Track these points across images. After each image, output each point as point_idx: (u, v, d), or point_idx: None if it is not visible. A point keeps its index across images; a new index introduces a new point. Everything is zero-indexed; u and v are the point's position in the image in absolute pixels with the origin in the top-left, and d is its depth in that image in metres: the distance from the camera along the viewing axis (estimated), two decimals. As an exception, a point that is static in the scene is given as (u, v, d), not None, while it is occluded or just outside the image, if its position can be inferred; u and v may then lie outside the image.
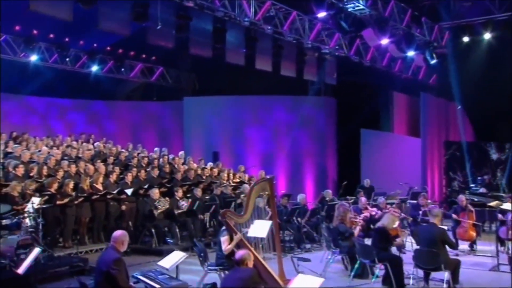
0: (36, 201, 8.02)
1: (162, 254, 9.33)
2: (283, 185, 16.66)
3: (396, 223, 7.94)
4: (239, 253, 4.76)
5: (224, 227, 6.79)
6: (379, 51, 15.75)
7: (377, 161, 16.98)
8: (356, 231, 7.98)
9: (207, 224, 11.03)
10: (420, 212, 9.82)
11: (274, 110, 17.47)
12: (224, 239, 6.63)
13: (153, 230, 9.84)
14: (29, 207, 7.92)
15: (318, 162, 17.36)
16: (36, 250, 5.23)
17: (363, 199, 9.99)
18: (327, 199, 11.59)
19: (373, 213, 9.63)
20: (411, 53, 14.81)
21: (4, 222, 7.25)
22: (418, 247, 7.05)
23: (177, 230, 10.25)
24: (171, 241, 6.52)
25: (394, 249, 7.80)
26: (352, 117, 17.08)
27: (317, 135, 17.49)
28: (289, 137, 17.29)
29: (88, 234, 10.18)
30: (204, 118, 17.35)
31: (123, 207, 10.44)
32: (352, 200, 12.04)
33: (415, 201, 11.32)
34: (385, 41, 13.38)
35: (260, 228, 6.88)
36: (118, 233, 5.06)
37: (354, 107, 16.99)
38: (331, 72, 16.75)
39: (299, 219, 10.60)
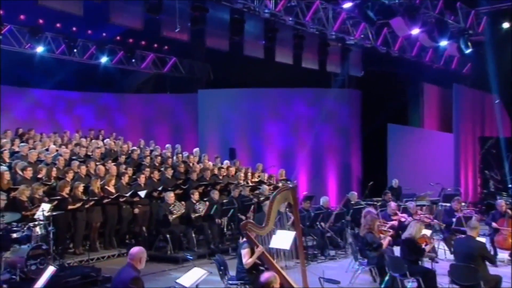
0: (46, 207, 8.10)
1: (178, 262, 9.50)
2: (304, 184, 16.63)
3: (423, 230, 7.87)
4: (265, 276, 4.74)
5: (244, 239, 6.78)
6: (409, 40, 15.53)
7: (405, 159, 16.83)
8: (385, 242, 7.92)
9: (225, 228, 11.05)
10: (454, 219, 9.69)
11: (294, 104, 17.40)
12: (244, 252, 6.63)
13: (168, 236, 9.88)
14: (39, 215, 8.01)
15: (341, 159, 17.28)
16: (51, 269, 5.28)
17: (392, 204, 9.90)
18: (352, 202, 11.52)
19: (403, 219, 9.55)
20: (444, 43, 14.57)
21: (15, 235, 7.33)
22: (452, 256, 6.96)
23: (193, 235, 10.29)
24: (191, 257, 6.54)
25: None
26: (378, 110, 16.93)
27: (340, 130, 17.39)
28: (311, 132, 17.21)
29: (99, 239, 10.28)
30: (220, 112, 17.36)
31: (136, 211, 10.53)
32: (379, 203, 11.96)
33: (447, 204, 11.19)
34: (415, 31, 13.16)
35: (283, 239, 6.88)
36: (135, 250, 5.09)
37: (380, 100, 16.82)
38: (356, 64, 16.60)
39: (322, 223, 10.56)
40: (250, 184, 13.05)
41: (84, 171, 10.50)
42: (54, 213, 8.24)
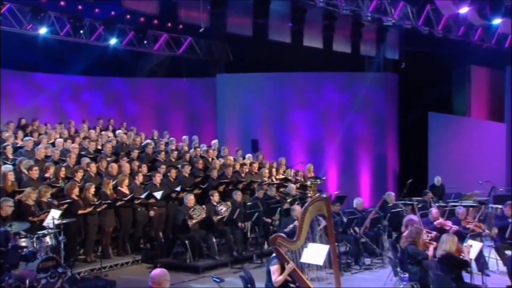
0: (56, 214, 8.23)
1: (198, 271, 9.62)
2: (334, 181, 16.62)
3: (471, 242, 7.84)
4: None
5: (273, 254, 6.82)
6: (455, 19, 15.24)
7: (448, 153, 16.66)
8: (430, 251, 7.87)
9: (248, 233, 11.12)
10: (508, 229, 9.50)
11: (323, 90, 17.32)
12: (274, 268, 6.67)
13: (187, 242, 9.99)
14: (48, 222, 8.15)
15: (376, 152, 17.21)
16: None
17: (434, 211, 9.80)
18: (389, 204, 11.46)
19: (447, 227, 9.48)
20: (497, 21, 14.24)
21: (24, 250, 7.48)
22: (505, 268, 6.87)
23: (214, 240, 10.39)
24: (218, 279, 6.61)
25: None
26: (418, 97, 16.75)
27: (375, 120, 17.30)
28: (342, 121, 17.15)
29: (111, 244, 10.45)
30: (241, 99, 17.38)
31: (152, 213, 10.65)
32: (419, 205, 11.87)
33: (499, 206, 11.05)
34: (464, 9, 12.90)
35: (315, 254, 6.91)
36: (156, 272, 5.13)
37: (420, 85, 16.64)
38: (393, 46, 16.41)
39: (356, 228, 10.55)
40: (275, 181, 13.08)
41: (94, 170, 10.62)
42: (64, 221, 8.33)
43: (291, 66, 16.95)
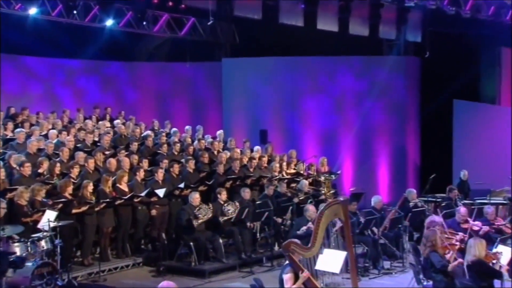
0: (52, 216, 8.28)
1: (204, 275, 9.69)
2: (349, 175, 16.62)
3: (501, 247, 7.83)
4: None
5: (286, 262, 6.85)
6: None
7: (475, 144, 16.58)
8: (450, 256, 7.86)
9: (258, 233, 11.16)
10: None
11: (338, 75, 17.28)
12: (287, 277, 6.70)
13: (191, 244, 10.03)
14: (43, 225, 8.19)
15: (395, 143, 17.19)
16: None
17: (462, 209, 9.76)
18: (410, 203, 11.45)
19: (476, 228, 9.45)
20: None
21: (17, 253, 7.53)
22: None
23: (221, 241, 10.43)
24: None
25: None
26: (443, 83, 16.62)
27: (394, 107, 17.25)
28: (358, 110, 17.13)
29: (110, 246, 10.49)
30: (249, 85, 17.36)
31: (153, 212, 10.68)
32: (444, 202, 11.86)
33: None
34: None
35: (332, 261, 6.93)
36: (164, 285, 5.17)
37: (445, 69, 16.49)
38: (415, 27, 16.30)
39: (374, 228, 10.55)
40: (285, 176, 13.08)
41: (92, 166, 10.64)
42: (60, 223, 8.38)
43: (304, 50, 16.88)
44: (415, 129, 17.60)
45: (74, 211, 9.46)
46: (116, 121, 14.85)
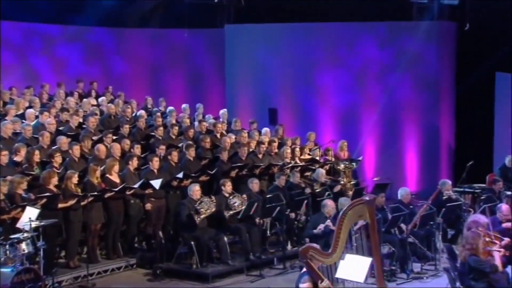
0: (33, 213, 8.32)
1: (207, 279, 9.78)
2: (372, 161, 16.62)
3: None
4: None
5: (304, 270, 6.89)
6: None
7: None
8: (497, 260, 7.88)
9: (268, 231, 11.23)
10: None
11: (360, 44, 17.19)
12: (304, 286, 6.75)
13: (192, 243, 10.10)
14: (24, 224, 8.22)
15: (426, 123, 17.13)
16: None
17: (504, 207, 9.77)
18: (445, 196, 11.46)
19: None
20: None
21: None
22: None
23: (226, 239, 10.49)
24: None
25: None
26: (483, 53, 16.48)
27: (425, 82, 17.16)
28: (383, 84, 17.06)
29: (99, 245, 10.58)
30: (256, 56, 17.30)
31: (148, 206, 10.74)
32: (484, 195, 11.85)
33: None
34: None
35: (354, 267, 6.95)
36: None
37: (486, 37, 16.34)
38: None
39: (402, 225, 10.58)
40: (299, 163, 13.09)
41: (77, 152, 10.67)
42: (43, 222, 8.42)
43: (319, 15, 16.80)
44: (449, 107, 17.48)
45: (60, 205, 9.50)
46: (102, 98, 14.91)
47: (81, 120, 12.62)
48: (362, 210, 6.81)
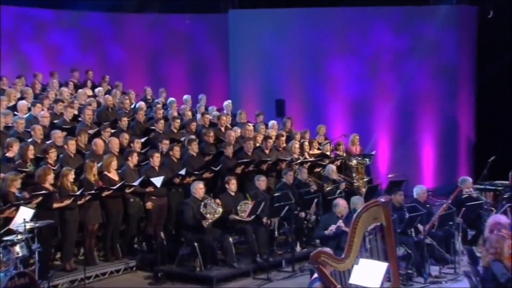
0: (28, 214, 8.35)
1: (212, 283, 9.81)
2: (386, 155, 16.60)
3: None
4: None
5: (315, 275, 6.94)
6: None
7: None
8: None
9: (276, 231, 11.26)
10: None
11: (373, 30, 17.20)
12: (316, 293, 6.80)
13: (196, 245, 10.13)
14: (18, 226, 8.25)
15: (443, 114, 17.17)
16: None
17: (528, 207, 9.80)
18: (464, 195, 11.46)
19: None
20: None
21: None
22: None
23: (231, 240, 10.52)
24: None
25: None
26: (505, 39, 16.43)
27: (443, 70, 17.20)
28: (397, 73, 17.04)
29: (97, 246, 10.63)
30: (262, 43, 17.30)
31: (149, 205, 10.77)
32: (507, 194, 11.82)
33: None
34: None
35: (369, 273, 6.99)
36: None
37: (509, 23, 16.29)
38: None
39: (419, 225, 10.59)
40: (308, 158, 13.10)
41: (73, 149, 10.70)
42: (39, 224, 8.46)
43: (329, 0, 16.83)
44: (469, 98, 17.51)
45: (55, 205, 9.51)
46: (99, 89, 14.92)
47: (76, 113, 12.65)
48: (378, 212, 6.85)
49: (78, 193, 9.67)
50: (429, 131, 17.13)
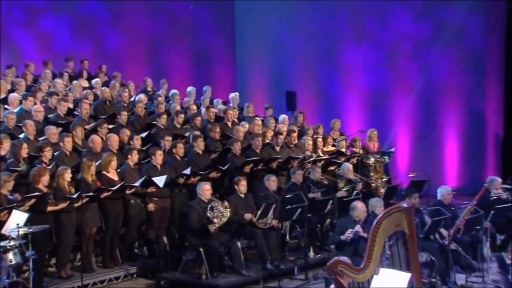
0: (21, 218, 8.37)
1: (219, 291, 9.83)
2: (406, 152, 16.57)
3: None
4: None
5: (332, 287, 6.94)
6: None
7: None
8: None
9: (287, 235, 11.28)
10: None
11: (392, 17, 17.18)
12: (333, 305, 6.81)
13: (201, 250, 10.16)
14: (11, 231, 8.28)
15: (469, 108, 17.16)
16: None
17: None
18: (493, 196, 11.44)
19: None
20: None
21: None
22: None
23: (239, 245, 10.53)
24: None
25: None
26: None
27: (468, 60, 17.17)
28: (418, 62, 17.01)
29: (95, 251, 10.67)
30: (270, 31, 17.29)
31: (150, 207, 10.79)
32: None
33: None
34: None
35: (390, 284, 7.00)
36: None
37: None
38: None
39: (442, 229, 10.59)
40: (322, 156, 13.09)
41: (69, 146, 10.71)
42: (33, 229, 8.48)
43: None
44: (496, 90, 17.47)
45: (50, 208, 9.51)
46: (95, 80, 14.94)
47: (70, 106, 12.67)
48: (400, 219, 6.83)
49: (75, 196, 9.63)
50: (453, 126, 17.11)
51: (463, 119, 17.11)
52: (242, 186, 10.90)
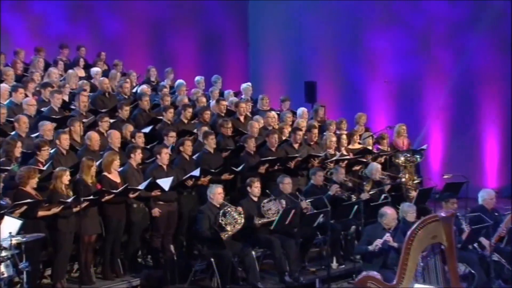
0: (14, 226, 8.40)
1: (231, 305, 9.85)
2: (439, 150, 16.54)
3: None
4: None
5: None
6: None
7: None
8: None
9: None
10: None
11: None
12: (362, 325, 6.84)
13: (212, 260, 10.18)
14: (2, 240, 8.27)
15: (510, 96, 16.98)
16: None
17: None
18: (536, 200, 11.43)
19: None
20: None
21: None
22: None
23: (254, 254, 10.55)
24: None
25: None
26: None
27: (510, 44, 16.99)
28: (453, 48, 16.98)
29: (95, 261, 10.66)
30: (287, 13, 17.36)
31: (155, 212, 10.79)
32: None
33: None
34: None
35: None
36: None
37: None
38: None
39: (482, 238, 10.58)
40: (346, 154, 13.06)
41: (66, 144, 10.72)
42: (27, 238, 8.50)
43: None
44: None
45: (41, 213, 9.46)
46: (95, 69, 14.94)
47: (66, 99, 12.67)
48: (437, 230, 6.85)
49: (69, 200, 9.56)
50: (493, 120, 17.03)
51: (505, 112, 16.99)
52: (256, 188, 10.88)
